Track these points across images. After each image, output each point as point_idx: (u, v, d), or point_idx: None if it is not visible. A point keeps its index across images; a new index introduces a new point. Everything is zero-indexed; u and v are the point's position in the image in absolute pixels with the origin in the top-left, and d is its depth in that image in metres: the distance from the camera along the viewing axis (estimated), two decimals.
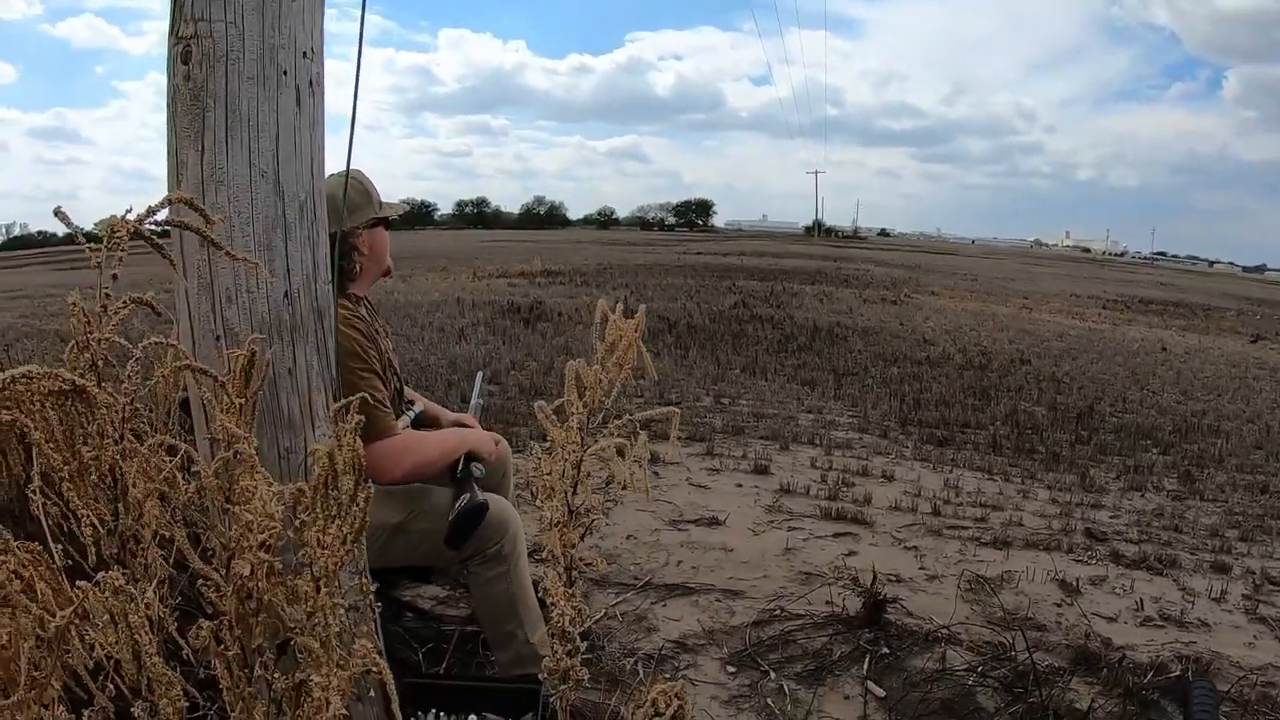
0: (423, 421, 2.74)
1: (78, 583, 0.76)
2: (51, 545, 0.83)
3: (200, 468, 1.23)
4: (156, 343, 1.00)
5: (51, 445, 0.80)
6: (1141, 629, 3.34)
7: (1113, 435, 6.60)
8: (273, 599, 0.93)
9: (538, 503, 1.46)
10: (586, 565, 1.47)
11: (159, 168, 1.24)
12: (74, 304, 0.90)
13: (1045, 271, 39.49)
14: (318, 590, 0.93)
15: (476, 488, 2.38)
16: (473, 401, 3.09)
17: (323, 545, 0.94)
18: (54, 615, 0.73)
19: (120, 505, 0.88)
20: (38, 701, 0.74)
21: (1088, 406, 7.49)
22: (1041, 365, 9.81)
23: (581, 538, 1.46)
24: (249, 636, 0.96)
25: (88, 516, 0.84)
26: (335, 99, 1.69)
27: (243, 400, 1.14)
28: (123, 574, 0.79)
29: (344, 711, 0.89)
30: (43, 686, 0.75)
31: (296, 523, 0.92)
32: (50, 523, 0.84)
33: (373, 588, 1.12)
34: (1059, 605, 3.49)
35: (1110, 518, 4.68)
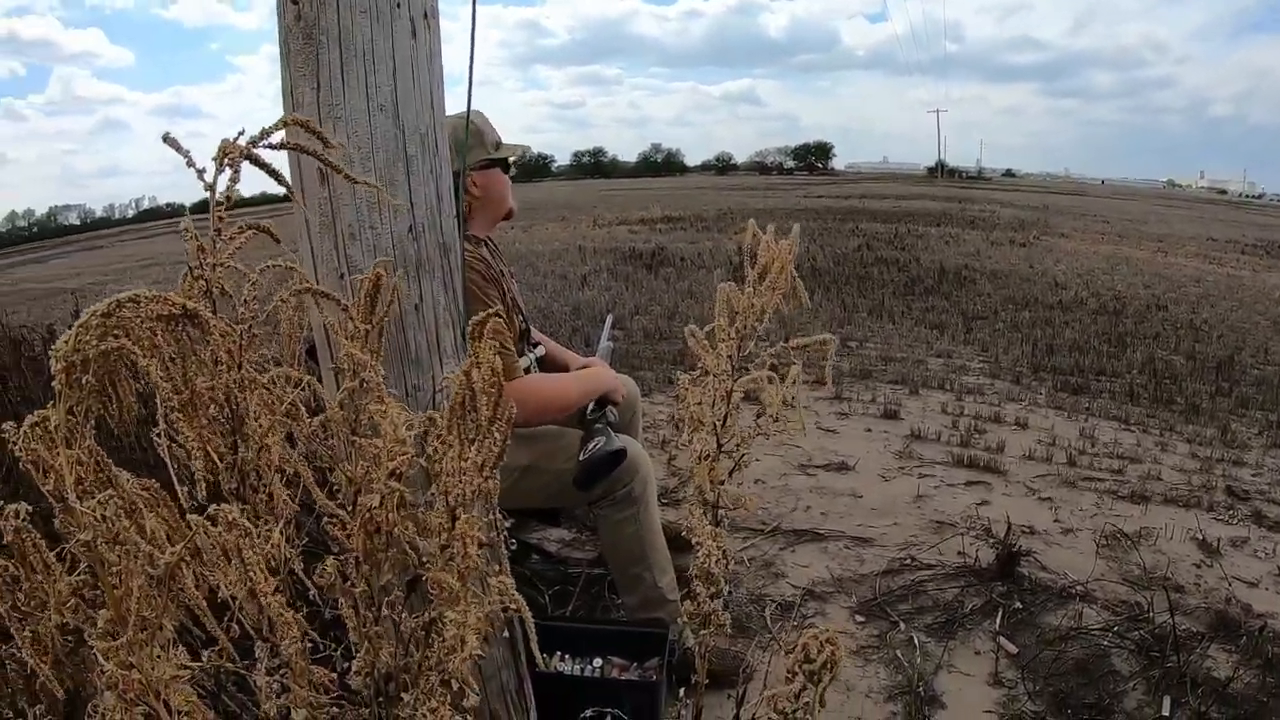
0: (546, 364, 2.72)
1: (188, 517, 0.73)
2: (177, 486, 0.80)
3: (325, 402, 1.22)
4: (274, 265, 0.97)
5: (163, 374, 0.77)
6: None
7: (1254, 388, 6.17)
8: (402, 532, 0.89)
9: (685, 436, 1.41)
10: (735, 506, 1.42)
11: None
12: (187, 228, 0.87)
13: (1179, 214, 37.39)
14: (453, 521, 0.89)
15: (611, 432, 2.35)
16: (602, 345, 3.05)
17: (461, 472, 0.89)
18: (163, 553, 0.71)
19: (238, 439, 0.86)
20: (149, 643, 0.72)
21: (1228, 356, 7.01)
22: (1178, 312, 9.27)
23: (730, 473, 1.41)
24: (377, 573, 0.93)
25: (200, 449, 0.81)
26: (445, 55, 1.65)
27: (368, 327, 1.11)
28: (243, 510, 0.77)
29: (479, 651, 0.85)
30: (155, 627, 0.72)
31: (429, 450, 0.87)
32: (174, 465, 0.82)
33: (507, 524, 1.08)
34: (1198, 566, 3.30)
35: (1252, 475, 4.38)
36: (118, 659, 0.74)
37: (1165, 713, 2.38)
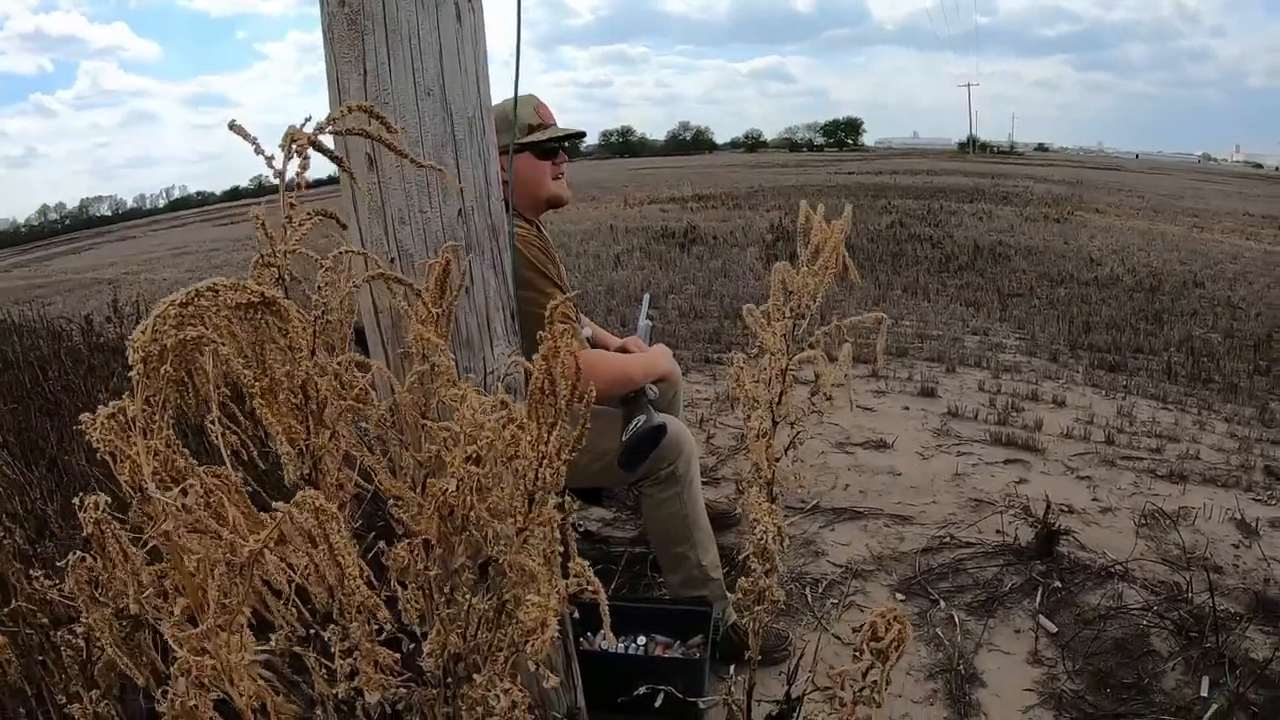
0: (592, 345, 2.72)
1: (275, 504, 0.74)
2: (232, 472, 0.81)
3: (381, 388, 1.22)
4: (347, 252, 0.98)
5: (242, 361, 0.78)
6: None
7: None
8: (480, 516, 0.90)
9: (740, 413, 1.41)
10: (796, 484, 1.42)
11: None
12: (257, 216, 0.88)
13: (1215, 188, 36.59)
14: (530, 505, 0.89)
15: (652, 409, 2.35)
16: (640, 323, 3.03)
17: (542, 456, 0.90)
18: (245, 540, 0.72)
19: (310, 424, 0.86)
20: (226, 629, 0.73)
21: (1265, 335, 6.87)
22: (1215, 289, 9.09)
23: (786, 450, 1.41)
24: (451, 557, 0.94)
25: (283, 434, 0.82)
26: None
27: (439, 310, 1.11)
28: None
29: (557, 634, 0.85)
30: (233, 614, 0.73)
31: (506, 435, 0.87)
32: (228, 450, 0.82)
33: (576, 506, 1.09)
34: (1236, 547, 3.26)
35: None
36: (191, 646, 0.75)
37: (1203, 693, 2.37)
